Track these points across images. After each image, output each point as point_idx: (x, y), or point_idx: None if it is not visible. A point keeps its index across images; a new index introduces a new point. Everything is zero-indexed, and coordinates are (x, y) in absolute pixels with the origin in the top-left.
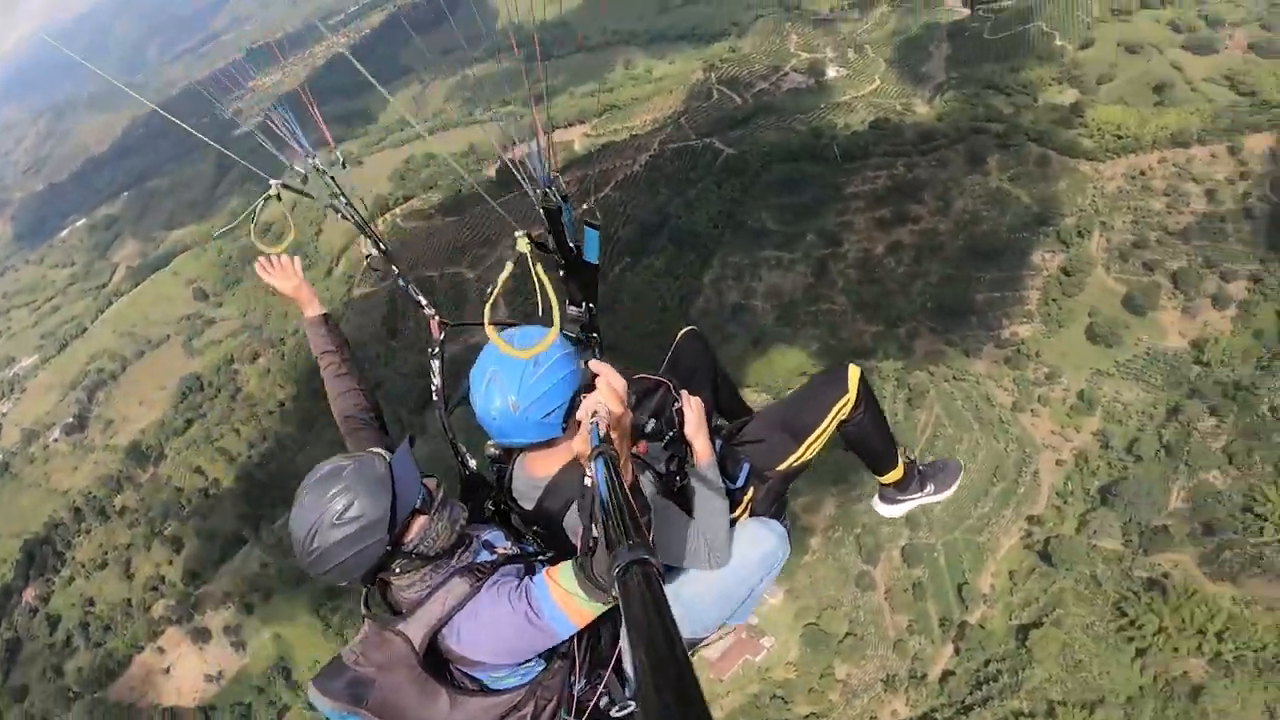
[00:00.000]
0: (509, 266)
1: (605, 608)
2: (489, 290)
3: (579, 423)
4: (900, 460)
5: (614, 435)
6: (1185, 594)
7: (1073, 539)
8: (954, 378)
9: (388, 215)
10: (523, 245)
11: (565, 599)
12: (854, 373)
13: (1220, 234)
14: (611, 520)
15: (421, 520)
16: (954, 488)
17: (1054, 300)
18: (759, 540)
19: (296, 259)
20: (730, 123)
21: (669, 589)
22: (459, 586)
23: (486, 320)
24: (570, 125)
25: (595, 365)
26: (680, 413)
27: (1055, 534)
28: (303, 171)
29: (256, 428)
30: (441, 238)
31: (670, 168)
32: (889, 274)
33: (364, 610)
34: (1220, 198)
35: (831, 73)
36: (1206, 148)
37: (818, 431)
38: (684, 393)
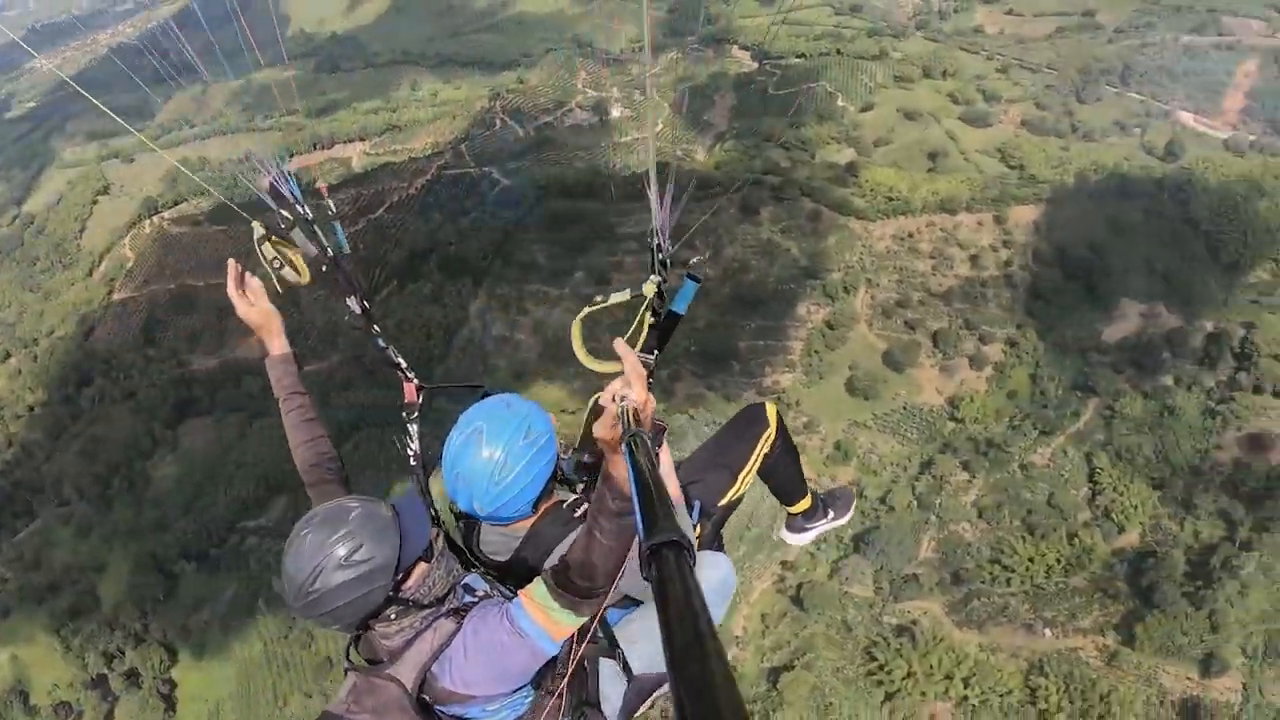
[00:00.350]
0: (627, 293)
1: (581, 619)
2: (598, 300)
3: (552, 499)
4: (808, 490)
5: (642, 419)
6: (933, 640)
7: (825, 585)
8: (714, 422)
9: (155, 219)
10: (649, 290)
11: (540, 612)
12: (771, 408)
13: (981, 298)
14: (644, 503)
15: (423, 568)
16: (851, 512)
17: (816, 352)
18: (714, 571)
19: (261, 284)
20: (510, 154)
21: (644, 626)
22: (445, 625)
23: (577, 339)
24: (350, 141)
25: (619, 347)
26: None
27: (808, 579)
28: (290, 218)
29: (2, 432)
30: (209, 247)
31: (446, 194)
32: None
33: (346, 662)
34: (983, 264)
35: (615, 112)
36: (974, 215)
37: (748, 465)
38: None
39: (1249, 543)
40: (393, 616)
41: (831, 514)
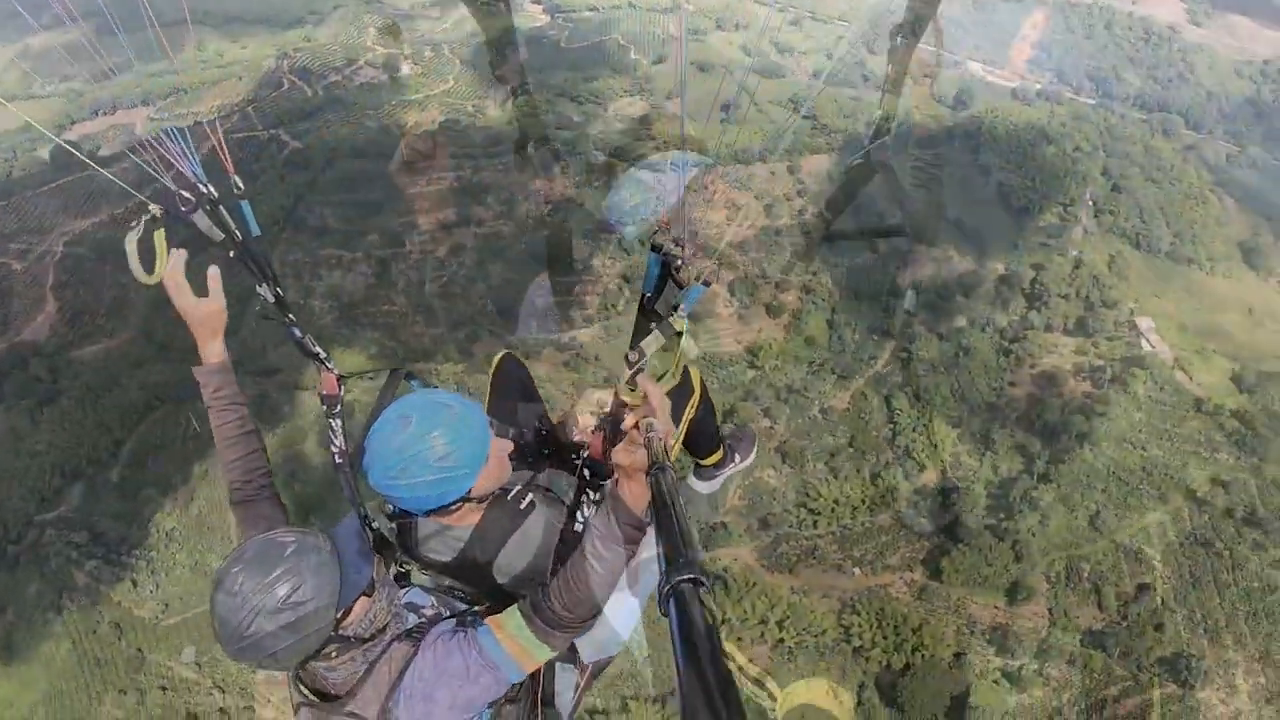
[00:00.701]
0: (660, 337)
1: (555, 652)
2: (638, 358)
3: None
4: (721, 440)
5: (668, 450)
6: (746, 586)
7: None
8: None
9: None
10: (680, 326)
11: (513, 644)
12: (695, 373)
13: (776, 247)
14: (667, 538)
15: (364, 602)
16: (754, 452)
17: (613, 306)
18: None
19: (218, 271)
20: (299, 114)
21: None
22: (399, 650)
23: (623, 385)
24: (134, 107)
25: (643, 383)
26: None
27: None
28: (192, 199)
29: None
30: None
31: (233, 158)
32: (451, 276)
33: (298, 695)
34: (778, 213)
35: (406, 69)
36: (767, 166)
37: (678, 435)
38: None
39: (1047, 475)
40: (333, 655)
41: (738, 457)
